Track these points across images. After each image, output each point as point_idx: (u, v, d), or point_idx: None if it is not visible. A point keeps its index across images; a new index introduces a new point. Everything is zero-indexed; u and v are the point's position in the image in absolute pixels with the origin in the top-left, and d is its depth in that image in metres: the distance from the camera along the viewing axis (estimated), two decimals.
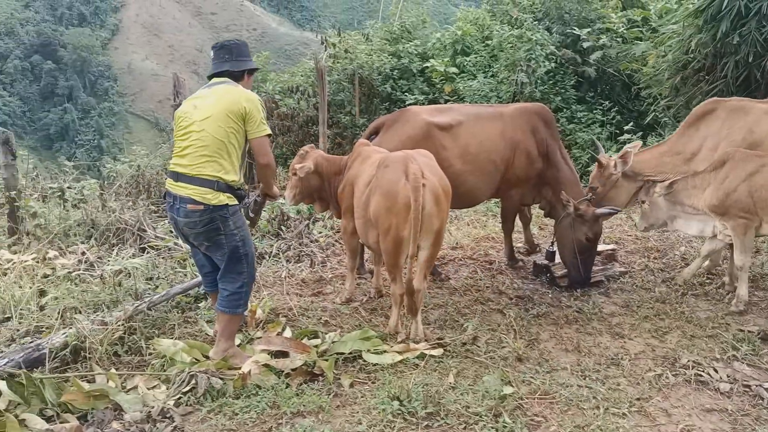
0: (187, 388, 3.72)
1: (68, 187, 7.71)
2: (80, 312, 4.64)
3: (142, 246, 6.47)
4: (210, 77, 4.15)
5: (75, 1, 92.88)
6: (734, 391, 3.77)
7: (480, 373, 3.94)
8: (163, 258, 6.08)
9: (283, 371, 3.93)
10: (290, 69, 15.27)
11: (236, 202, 3.98)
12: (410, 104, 11.21)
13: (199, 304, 5.05)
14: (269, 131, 4.03)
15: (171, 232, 7.06)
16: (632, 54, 11.06)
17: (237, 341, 4.42)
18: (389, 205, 4.11)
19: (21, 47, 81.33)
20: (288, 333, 4.51)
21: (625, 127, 10.09)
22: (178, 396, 3.68)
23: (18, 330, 4.45)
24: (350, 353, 4.16)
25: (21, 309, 4.75)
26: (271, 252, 6.34)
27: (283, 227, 6.92)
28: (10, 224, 6.72)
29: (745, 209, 4.83)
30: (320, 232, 6.96)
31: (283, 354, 4.12)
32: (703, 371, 3.97)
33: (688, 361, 4.08)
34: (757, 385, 3.80)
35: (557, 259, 5.61)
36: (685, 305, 5.00)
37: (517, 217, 6.13)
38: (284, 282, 5.65)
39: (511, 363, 4.11)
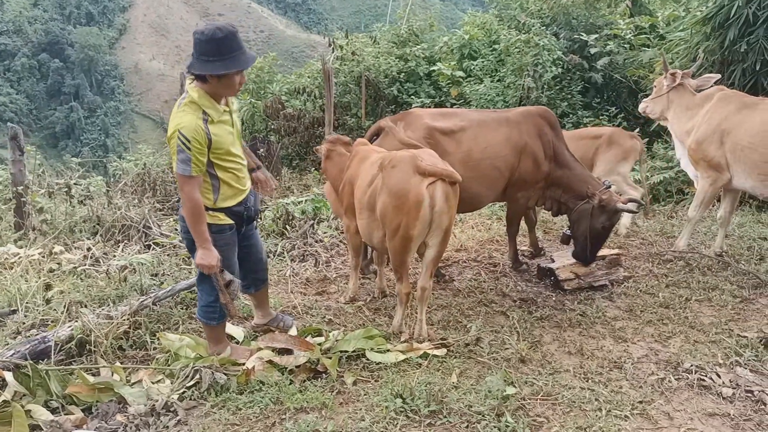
0: (191, 383, 3.74)
1: (75, 184, 7.75)
2: (86, 306, 4.66)
3: (147, 243, 6.51)
4: None
5: (83, 0, 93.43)
6: (737, 396, 3.77)
7: (483, 374, 3.95)
8: (168, 255, 6.11)
9: (286, 368, 3.94)
10: (297, 71, 15.30)
11: (222, 221, 3.81)
12: (416, 107, 11.23)
13: None
14: (179, 170, 3.51)
15: (176, 230, 7.10)
16: (639, 60, 11.08)
17: (240, 337, 4.45)
18: (398, 203, 4.12)
19: (29, 45, 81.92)
20: (293, 331, 4.53)
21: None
22: (182, 390, 3.70)
23: (24, 323, 4.48)
24: (354, 351, 4.17)
25: (27, 302, 4.77)
26: (276, 251, 6.36)
27: (288, 227, 6.94)
28: (16, 219, 6.76)
29: None
30: (325, 233, 6.98)
31: (287, 351, 4.13)
32: (705, 376, 3.97)
33: (691, 365, 4.07)
34: (759, 391, 3.79)
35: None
36: (688, 310, 5.00)
37: (522, 220, 6.14)
38: (288, 281, 5.67)
39: (514, 364, 4.12)
